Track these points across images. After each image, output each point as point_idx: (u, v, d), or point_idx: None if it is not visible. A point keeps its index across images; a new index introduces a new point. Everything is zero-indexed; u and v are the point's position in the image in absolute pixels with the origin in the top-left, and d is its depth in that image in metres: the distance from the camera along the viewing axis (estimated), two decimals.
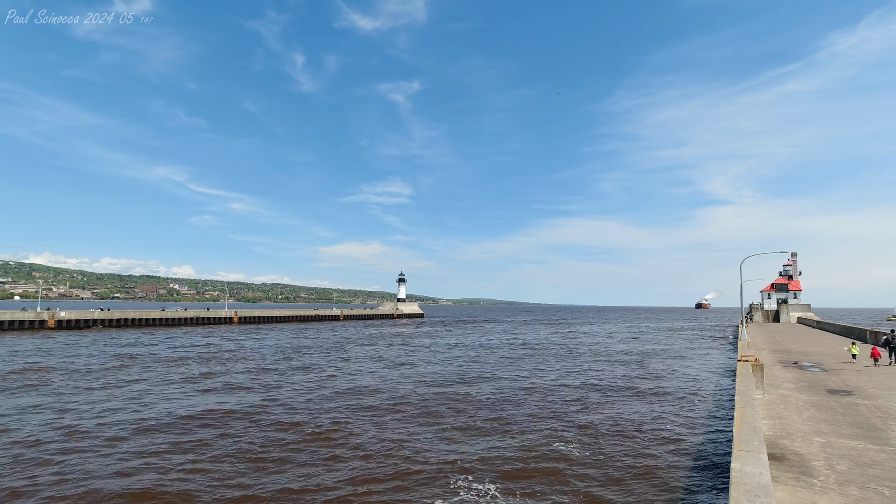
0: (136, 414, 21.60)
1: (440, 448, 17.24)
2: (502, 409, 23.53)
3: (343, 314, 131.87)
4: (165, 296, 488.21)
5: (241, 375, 33.05)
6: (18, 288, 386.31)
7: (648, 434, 19.21)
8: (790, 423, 13.66)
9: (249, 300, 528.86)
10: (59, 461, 15.37)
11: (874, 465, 10.14)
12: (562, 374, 35.80)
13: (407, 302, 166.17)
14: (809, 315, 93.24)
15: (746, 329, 48.38)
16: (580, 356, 48.05)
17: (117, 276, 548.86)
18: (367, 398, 25.92)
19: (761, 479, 7.12)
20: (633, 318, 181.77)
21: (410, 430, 19.73)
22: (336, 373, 35.03)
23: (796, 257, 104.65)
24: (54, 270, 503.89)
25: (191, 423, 20.07)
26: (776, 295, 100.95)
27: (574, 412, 23.08)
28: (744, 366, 18.64)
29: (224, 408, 22.97)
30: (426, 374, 34.75)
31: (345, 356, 45.73)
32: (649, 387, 30.15)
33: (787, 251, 39.34)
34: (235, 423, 20.26)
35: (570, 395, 27.53)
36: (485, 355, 48.43)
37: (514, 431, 19.57)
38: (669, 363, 42.62)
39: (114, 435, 18.25)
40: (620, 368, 39.08)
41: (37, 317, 73.12)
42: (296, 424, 20.11)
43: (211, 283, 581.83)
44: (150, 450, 16.60)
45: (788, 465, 10.11)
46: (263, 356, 44.41)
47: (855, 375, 23.05)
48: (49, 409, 22.42)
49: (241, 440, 17.88)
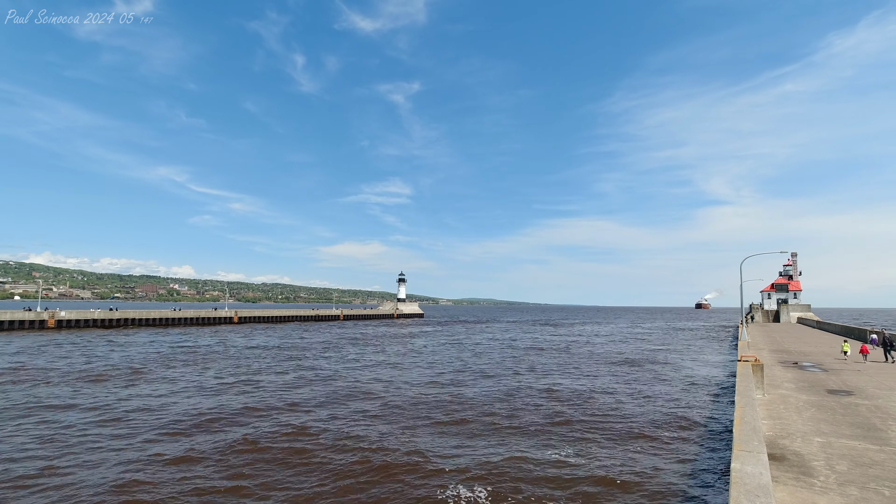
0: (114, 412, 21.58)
1: (433, 449, 17.23)
2: (496, 413, 23.52)
3: (343, 314, 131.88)
4: (165, 296, 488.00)
5: (211, 379, 33.05)
6: (18, 288, 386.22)
7: (644, 440, 19.21)
8: (790, 423, 13.66)
9: (249, 300, 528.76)
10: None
11: (874, 465, 10.14)
12: (564, 377, 35.80)
13: (407, 302, 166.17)
14: (809, 315, 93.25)
15: (746, 329, 48.37)
16: (581, 356, 48.04)
17: (117, 276, 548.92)
18: (363, 402, 25.91)
19: (761, 479, 7.12)
20: (632, 318, 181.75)
21: (412, 438, 19.72)
22: (331, 374, 35.03)
23: (796, 257, 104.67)
24: (54, 270, 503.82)
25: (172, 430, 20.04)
26: (776, 295, 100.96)
27: (574, 413, 23.08)
28: (744, 366, 18.64)
29: (211, 410, 22.96)
30: (425, 375, 34.76)
31: (342, 356, 45.71)
32: (648, 386, 30.15)
33: (787, 251, 39.36)
34: (227, 429, 20.25)
35: (571, 397, 27.53)
36: (483, 356, 48.40)
37: (505, 434, 19.56)
38: (668, 364, 42.61)
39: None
40: (620, 370, 39.07)
41: (37, 317, 73.14)
42: (284, 426, 20.11)
43: (211, 283, 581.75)
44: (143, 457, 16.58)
45: (788, 465, 10.11)
46: (259, 357, 44.40)
47: (855, 375, 23.04)
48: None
49: (226, 445, 17.87)
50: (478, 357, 46.64)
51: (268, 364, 38.94)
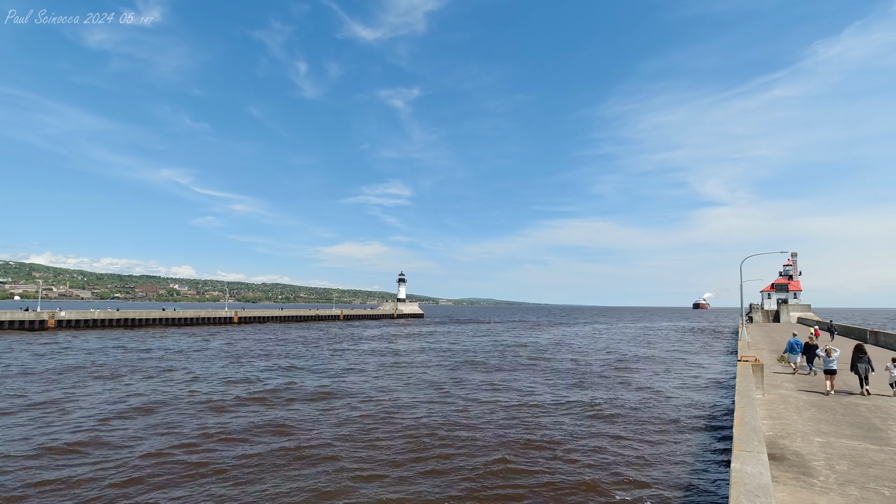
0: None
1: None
2: (493, 418, 23.50)
3: (343, 314, 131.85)
4: (165, 296, 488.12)
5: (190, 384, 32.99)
6: (18, 288, 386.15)
7: (637, 445, 19.20)
8: (790, 423, 13.65)
9: (249, 300, 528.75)
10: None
11: (874, 465, 10.13)
12: (569, 388, 35.77)
13: (407, 302, 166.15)
14: (809, 315, 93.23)
15: (746, 329, 48.33)
16: (585, 359, 48.06)
17: (117, 276, 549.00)
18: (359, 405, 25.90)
19: (761, 479, 7.10)
20: (632, 319, 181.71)
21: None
22: (325, 377, 35.01)
23: (796, 257, 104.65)
24: (54, 270, 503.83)
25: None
26: (776, 295, 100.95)
27: (580, 415, 23.07)
28: (744, 366, 18.63)
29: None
30: (426, 376, 34.77)
31: (341, 355, 45.71)
32: (646, 387, 30.16)
33: (787, 251, 39.37)
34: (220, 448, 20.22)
35: (572, 400, 27.51)
36: (481, 357, 48.40)
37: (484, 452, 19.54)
38: (666, 364, 42.61)
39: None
40: (619, 372, 39.08)
41: (37, 317, 73.12)
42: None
43: (211, 283, 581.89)
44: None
45: (788, 465, 10.10)
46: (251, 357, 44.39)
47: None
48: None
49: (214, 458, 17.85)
50: (475, 357, 46.57)
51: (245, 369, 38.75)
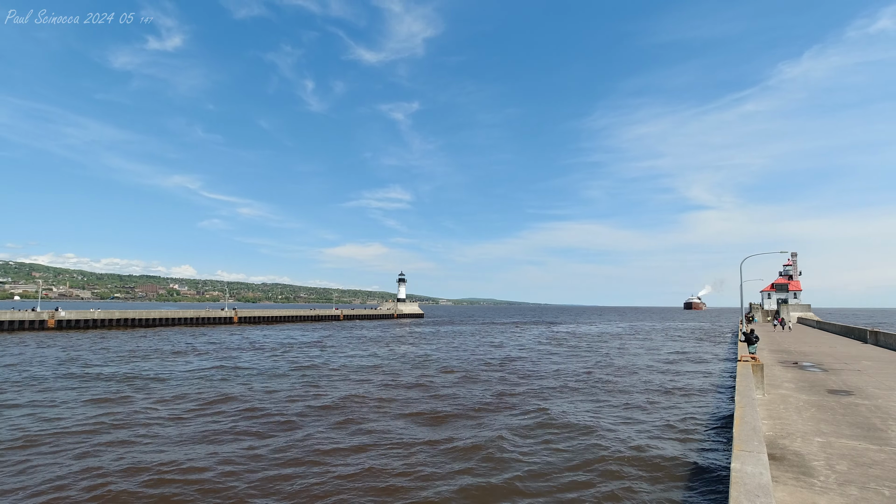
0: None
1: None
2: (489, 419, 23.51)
3: (343, 314, 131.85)
4: (165, 296, 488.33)
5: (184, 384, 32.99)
6: (18, 288, 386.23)
7: (634, 448, 19.19)
8: (790, 423, 13.64)
9: (249, 300, 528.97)
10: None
11: (874, 465, 10.12)
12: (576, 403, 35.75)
13: (407, 302, 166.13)
14: (809, 315, 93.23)
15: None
16: (587, 357, 48.05)
17: (117, 276, 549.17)
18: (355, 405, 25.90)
19: (761, 479, 7.10)
20: (631, 318, 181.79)
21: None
22: (321, 378, 35.01)
23: (796, 257, 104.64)
24: (54, 270, 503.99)
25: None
26: (776, 295, 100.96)
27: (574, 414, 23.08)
28: (744, 366, 18.64)
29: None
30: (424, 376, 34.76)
31: (339, 355, 45.70)
32: (645, 388, 30.16)
33: (786, 251, 39.45)
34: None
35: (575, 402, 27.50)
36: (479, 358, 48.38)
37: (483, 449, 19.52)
38: (664, 364, 42.61)
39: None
40: (618, 374, 39.09)
41: (37, 317, 73.11)
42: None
43: (211, 283, 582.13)
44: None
45: (788, 465, 10.09)
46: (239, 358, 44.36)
47: (855, 375, 23.03)
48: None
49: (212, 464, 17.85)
50: (473, 359, 46.48)
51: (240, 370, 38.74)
